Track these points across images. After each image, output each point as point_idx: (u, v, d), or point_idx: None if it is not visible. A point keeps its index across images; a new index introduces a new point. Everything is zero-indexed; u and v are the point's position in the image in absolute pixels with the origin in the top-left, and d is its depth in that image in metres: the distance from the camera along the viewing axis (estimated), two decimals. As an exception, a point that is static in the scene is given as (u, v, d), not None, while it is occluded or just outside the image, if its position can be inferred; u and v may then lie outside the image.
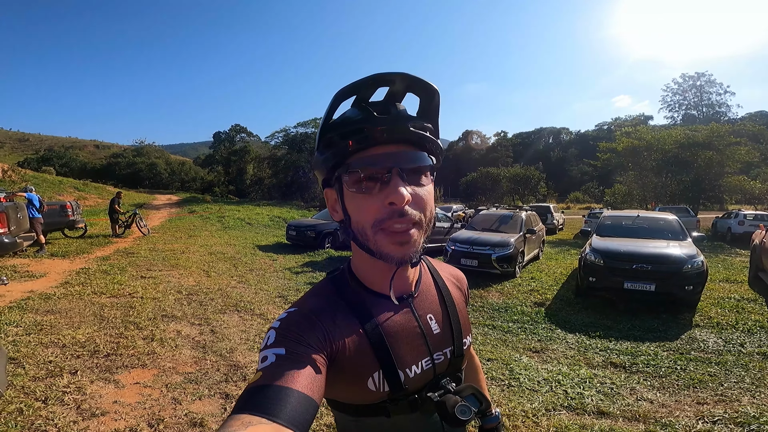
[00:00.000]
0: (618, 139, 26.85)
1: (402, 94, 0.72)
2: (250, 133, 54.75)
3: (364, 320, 0.73)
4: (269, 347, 0.63)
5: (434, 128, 0.74)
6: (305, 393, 0.56)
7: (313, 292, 0.78)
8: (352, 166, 0.67)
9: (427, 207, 0.70)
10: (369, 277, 0.77)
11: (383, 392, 0.72)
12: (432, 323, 0.80)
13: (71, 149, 74.72)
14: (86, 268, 7.81)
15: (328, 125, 0.71)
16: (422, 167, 0.70)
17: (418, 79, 0.70)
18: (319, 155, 0.72)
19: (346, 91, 0.68)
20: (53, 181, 27.97)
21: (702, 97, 71.69)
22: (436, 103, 0.73)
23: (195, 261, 9.05)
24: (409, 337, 0.76)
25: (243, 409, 0.53)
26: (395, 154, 0.67)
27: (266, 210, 24.30)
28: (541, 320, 5.69)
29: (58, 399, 3.12)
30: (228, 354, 4.10)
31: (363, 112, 0.69)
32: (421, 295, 0.82)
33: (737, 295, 6.82)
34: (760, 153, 30.23)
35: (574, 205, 51.88)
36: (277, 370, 0.58)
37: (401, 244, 0.67)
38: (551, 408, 3.27)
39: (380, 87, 0.70)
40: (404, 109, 0.71)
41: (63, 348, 4.07)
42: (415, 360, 0.76)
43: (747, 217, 16.31)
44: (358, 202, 0.68)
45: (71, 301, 5.66)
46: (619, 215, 8.56)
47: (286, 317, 0.69)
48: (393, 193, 0.65)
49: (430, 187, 0.72)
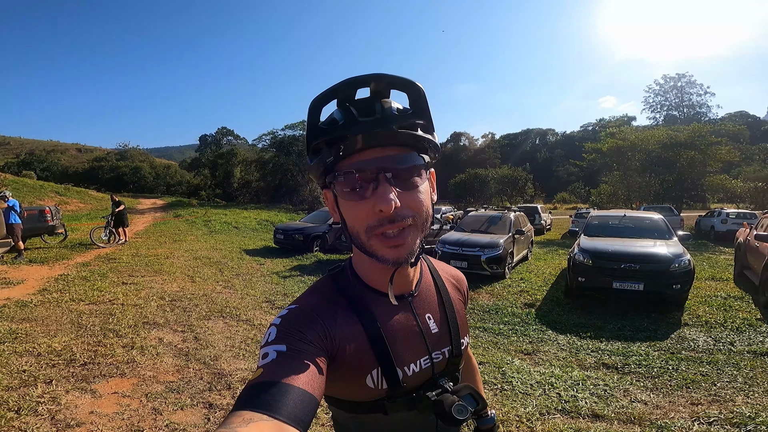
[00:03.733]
0: (603, 139, 27.29)
1: (387, 91, 0.69)
2: (237, 135, 54.47)
3: (364, 318, 0.73)
4: (270, 344, 0.63)
5: (426, 123, 0.70)
6: (306, 390, 0.56)
7: (314, 289, 0.78)
8: (340, 173, 0.66)
9: (421, 207, 0.68)
10: (370, 275, 0.77)
11: (381, 389, 0.72)
12: (430, 322, 0.81)
13: (53, 153, 73.01)
14: (65, 275, 7.57)
15: (312, 131, 0.69)
16: (413, 168, 0.68)
17: (394, 78, 0.67)
18: (309, 161, 0.72)
19: (322, 97, 0.67)
20: (33, 185, 27.23)
21: (683, 97, 73.28)
22: (424, 96, 0.70)
23: (179, 266, 8.84)
24: (408, 336, 0.77)
25: (244, 406, 0.52)
26: (382, 158, 0.66)
27: (254, 213, 24.00)
28: (531, 321, 5.65)
29: (32, 409, 3.00)
30: (212, 362, 3.96)
31: (346, 115, 0.66)
32: (421, 295, 0.82)
33: (724, 293, 6.88)
34: (741, 152, 30.99)
35: (561, 205, 52.46)
36: (278, 366, 0.58)
37: (395, 247, 0.66)
38: (545, 412, 3.20)
39: (358, 89, 0.67)
40: (391, 106, 0.67)
41: (38, 357, 3.91)
42: (414, 358, 0.76)
43: (730, 216, 16.62)
44: (350, 208, 0.68)
45: (48, 308, 5.46)
46: (606, 215, 8.61)
47: (287, 314, 0.69)
48: (380, 201, 0.63)
49: (426, 185, 0.70)
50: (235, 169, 43.41)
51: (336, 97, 0.68)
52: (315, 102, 0.67)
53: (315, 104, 0.67)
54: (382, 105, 0.67)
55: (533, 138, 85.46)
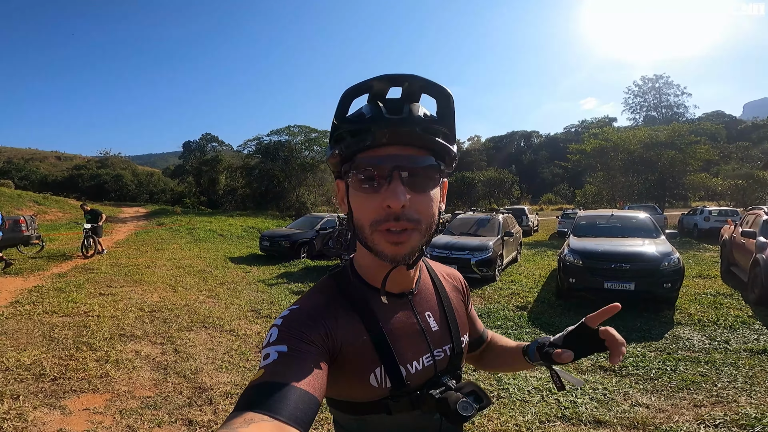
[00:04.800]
0: (586, 140, 27.63)
1: (418, 95, 0.70)
2: (222, 142, 53.56)
3: (366, 316, 0.73)
4: (271, 344, 0.63)
5: (449, 132, 0.71)
6: (307, 390, 0.56)
7: (315, 289, 0.78)
8: (357, 164, 0.67)
9: (428, 212, 0.68)
10: (370, 274, 0.77)
11: (385, 388, 0.72)
12: (431, 320, 0.81)
13: (31, 161, 71.12)
14: (40, 286, 7.24)
15: (339, 121, 0.70)
16: (428, 172, 0.68)
17: (428, 82, 0.69)
18: (330, 149, 0.73)
19: (354, 90, 0.68)
20: (11, 194, 26.42)
21: (661, 98, 74.99)
22: (452, 105, 0.71)
23: (161, 275, 8.53)
24: (410, 334, 0.77)
25: (245, 407, 0.52)
26: (400, 156, 0.66)
27: (240, 221, 23.56)
28: (524, 324, 5.54)
29: (-4, 429, 2.77)
30: (192, 375, 3.74)
31: (374, 111, 0.67)
32: (420, 293, 0.83)
33: (713, 291, 6.88)
34: (719, 151, 31.68)
35: (547, 206, 52.93)
36: (279, 367, 0.58)
37: (396, 245, 0.66)
38: (545, 419, 3.07)
39: (392, 87, 0.68)
40: (418, 110, 0.68)
41: (6, 371, 3.69)
42: (416, 356, 0.76)
43: (712, 213, 16.86)
44: (360, 200, 0.68)
45: (20, 321, 5.18)
46: (594, 215, 8.60)
47: (288, 314, 0.69)
48: (390, 196, 0.64)
49: (436, 191, 0.71)
50: (220, 176, 42.75)
51: (369, 91, 0.68)
52: (347, 93, 0.68)
53: (347, 95, 0.68)
54: (411, 108, 0.68)
55: (518, 140, 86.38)
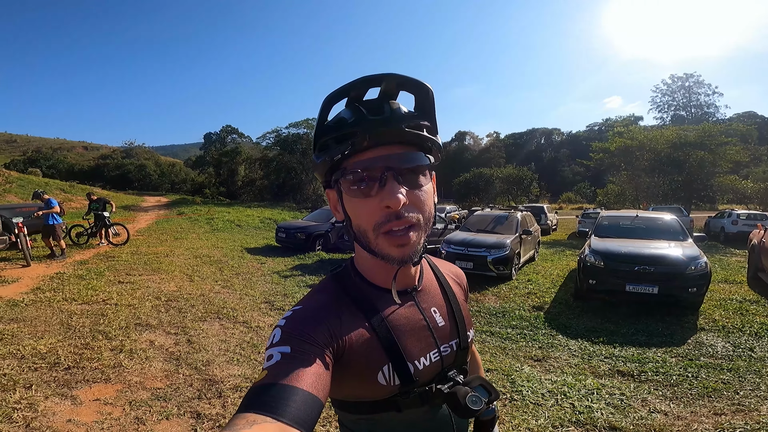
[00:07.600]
0: (611, 139, 26.87)
1: (396, 92, 0.70)
2: (242, 134, 54.25)
3: (370, 315, 0.73)
4: (275, 345, 0.63)
5: (431, 125, 0.72)
6: (310, 392, 0.56)
7: (318, 290, 0.78)
8: (348, 170, 0.67)
9: (425, 207, 0.69)
10: (372, 273, 0.77)
11: (394, 386, 0.72)
12: (436, 316, 0.81)
13: (59, 151, 73.51)
14: (61, 273, 7.41)
15: (321, 129, 0.70)
16: (419, 167, 0.69)
17: (405, 79, 0.68)
18: (316, 158, 0.72)
19: (335, 95, 0.68)
20: (39, 183, 27.20)
21: (690, 97, 72.41)
22: (431, 98, 0.71)
23: (178, 265, 8.66)
24: (416, 330, 0.77)
25: (248, 408, 0.52)
26: (390, 156, 0.66)
27: (257, 212, 23.80)
28: (540, 325, 5.41)
29: (7, 416, 2.82)
30: (204, 367, 3.75)
31: (355, 114, 0.67)
32: (425, 289, 0.83)
33: (739, 296, 6.61)
34: (750, 153, 30.48)
35: (567, 205, 51.96)
36: (283, 368, 0.58)
37: (401, 246, 0.67)
38: (559, 424, 2.97)
39: (370, 88, 0.68)
40: (399, 107, 0.69)
41: (21, 359, 3.74)
42: (423, 352, 0.76)
43: (740, 217, 16.23)
44: (356, 205, 0.68)
45: (39, 308, 5.28)
46: (617, 215, 8.33)
47: (291, 315, 0.69)
48: (388, 196, 0.64)
49: (429, 186, 0.71)
50: (239, 167, 43.27)
51: (348, 95, 0.68)
52: (327, 99, 0.68)
53: (327, 102, 0.68)
54: (390, 106, 0.68)
55: (538, 137, 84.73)
